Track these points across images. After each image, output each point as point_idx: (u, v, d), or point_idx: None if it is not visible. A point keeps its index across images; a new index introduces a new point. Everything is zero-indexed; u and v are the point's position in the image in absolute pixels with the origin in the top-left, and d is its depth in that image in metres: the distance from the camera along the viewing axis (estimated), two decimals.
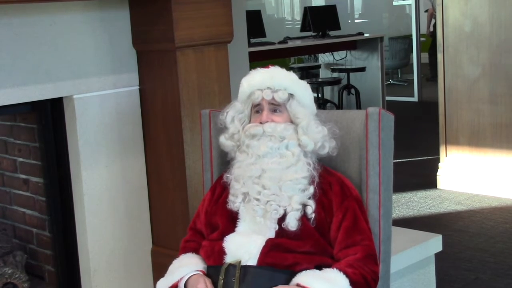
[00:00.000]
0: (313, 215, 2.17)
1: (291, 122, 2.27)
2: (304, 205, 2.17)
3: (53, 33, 2.87)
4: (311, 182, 2.20)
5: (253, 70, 2.35)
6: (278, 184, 2.17)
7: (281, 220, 2.16)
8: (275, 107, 2.26)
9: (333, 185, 2.23)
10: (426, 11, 10.76)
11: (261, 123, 2.24)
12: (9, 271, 3.03)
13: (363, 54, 8.63)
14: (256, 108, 2.28)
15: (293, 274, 2.10)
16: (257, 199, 2.18)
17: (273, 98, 2.25)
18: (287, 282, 2.09)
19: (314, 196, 2.19)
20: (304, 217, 2.17)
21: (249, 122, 2.31)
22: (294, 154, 2.21)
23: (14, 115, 3.15)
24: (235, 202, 2.22)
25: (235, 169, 2.26)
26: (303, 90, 2.30)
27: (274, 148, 2.21)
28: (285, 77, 2.29)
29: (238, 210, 2.22)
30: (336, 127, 2.29)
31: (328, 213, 2.20)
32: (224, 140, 2.33)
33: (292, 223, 2.14)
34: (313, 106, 2.33)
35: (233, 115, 2.33)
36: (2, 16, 2.72)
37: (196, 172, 3.03)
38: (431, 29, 10.69)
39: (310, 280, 2.06)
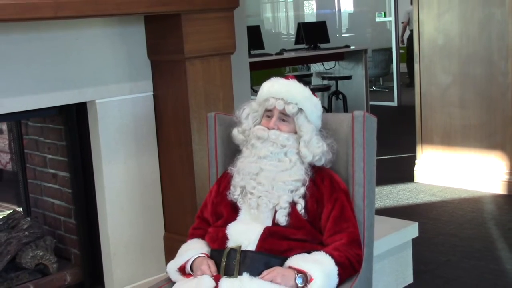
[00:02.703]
0: (303, 211, 2.17)
1: (295, 132, 2.26)
2: (294, 203, 2.17)
3: (78, 46, 2.87)
4: (303, 184, 2.19)
5: (275, 77, 2.32)
6: (272, 183, 2.18)
7: (276, 213, 2.17)
8: (284, 116, 2.25)
9: (324, 179, 2.24)
10: (402, 22, 10.80)
11: (268, 128, 2.23)
12: (41, 253, 3.03)
13: (349, 64, 8.63)
14: (268, 113, 2.27)
15: (286, 259, 2.10)
16: (252, 193, 2.18)
17: (283, 109, 2.23)
18: (281, 266, 2.08)
19: (304, 196, 2.18)
20: (296, 211, 2.17)
21: (260, 122, 2.30)
22: (291, 160, 2.21)
23: (44, 118, 3.15)
24: (234, 194, 2.23)
25: (239, 163, 2.27)
26: (312, 107, 2.28)
27: (274, 153, 2.21)
28: (299, 93, 2.26)
29: (237, 201, 2.22)
30: (335, 143, 2.28)
31: (320, 204, 2.20)
32: (236, 133, 2.33)
33: (281, 219, 2.15)
34: (318, 122, 2.30)
35: (248, 113, 2.32)
36: (34, 31, 2.72)
37: (203, 167, 3.02)
38: (404, 39, 10.78)
39: (301, 262, 2.06)
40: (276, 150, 2.20)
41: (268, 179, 2.18)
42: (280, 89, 2.25)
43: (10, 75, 2.68)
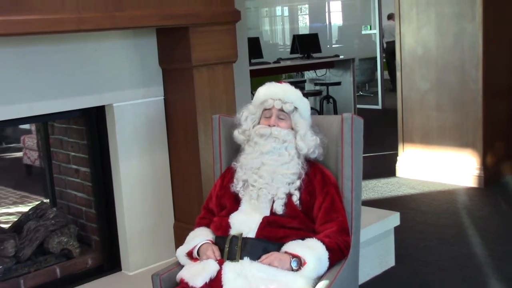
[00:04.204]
0: (298, 202, 2.16)
1: (292, 129, 2.26)
2: (290, 195, 2.17)
3: (97, 56, 2.86)
4: (299, 178, 2.19)
5: (268, 82, 2.33)
6: (272, 176, 2.18)
7: (273, 203, 2.17)
8: (282, 114, 2.26)
9: (316, 174, 2.24)
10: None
11: (269, 125, 2.23)
12: (65, 240, 3.02)
13: (339, 71, 8.62)
14: (266, 113, 2.28)
15: (283, 245, 2.09)
16: (253, 186, 2.18)
17: (282, 108, 2.24)
18: (278, 251, 2.08)
19: (299, 188, 2.18)
20: (292, 201, 2.17)
21: (259, 122, 2.30)
22: (290, 154, 2.21)
23: (67, 119, 3.14)
24: (236, 186, 2.23)
25: (242, 159, 2.26)
26: (305, 106, 2.30)
27: (276, 148, 2.21)
28: (294, 93, 2.28)
29: (239, 193, 2.22)
30: (325, 138, 2.29)
31: (312, 196, 2.20)
32: (237, 134, 2.33)
33: (278, 209, 2.15)
34: (310, 119, 2.31)
35: (247, 115, 2.32)
36: (58, 43, 2.71)
37: (208, 164, 3.01)
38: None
39: (295, 248, 2.06)
40: (278, 145, 2.21)
41: (268, 173, 2.18)
42: (277, 91, 2.26)
43: (38, 82, 2.67)
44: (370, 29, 11.05)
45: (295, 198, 2.17)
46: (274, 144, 2.20)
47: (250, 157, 2.23)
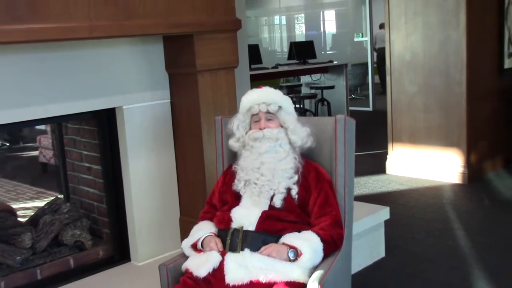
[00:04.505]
0: (296, 196, 2.16)
1: (281, 126, 2.25)
2: (289, 189, 2.17)
3: (108, 62, 2.86)
4: (296, 172, 2.19)
5: (249, 90, 2.34)
6: (272, 173, 2.17)
7: (272, 198, 2.16)
8: (269, 116, 2.25)
9: (311, 171, 2.23)
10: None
11: (260, 129, 2.23)
12: (78, 232, 3.02)
13: (332, 76, 8.62)
14: (255, 118, 2.27)
15: (280, 237, 2.09)
16: (256, 183, 2.18)
17: (267, 110, 2.24)
18: (276, 243, 2.07)
19: (297, 182, 2.18)
20: (290, 197, 2.17)
21: (250, 128, 2.30)
22: (285, 150, 2.21)
23: (80, 121, 3.14)
24: (238, 185, 2.22)
25: (241, 162, 2.25)
26: (288, 103, 2.30)
27: (272, 147, 2.21)
28: (275, 94, 2.28)
29: (240, 191, 2.22)
30: (312, 128, 2.29)
31: (308, 192, 2.19)
32: (233, 143, 2.33)
33: (277, 202, 2.14)
34: (295, 113, 2.32)
35: (238, 124, 2.32)
36: (72, 50, 2.72)
37: (211, 162, 3.01)
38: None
39: (292, 239, 2.06)
40: (272, 144, 2.20)
41: (269, 170, 2.17)
42: (259, 96, 2.27)
43: (53, 86, 2.67)
44: (362, 36, 11.05)
45: (294, 192, 2.16)
46: (269, 144, 2.20)
47: (250, 159, 2.22)
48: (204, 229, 2.22)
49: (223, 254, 2.05)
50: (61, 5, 2.40)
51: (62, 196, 3.38)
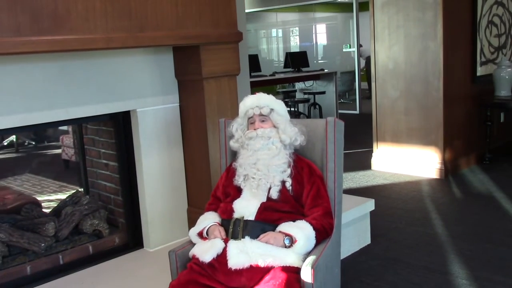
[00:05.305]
0: (291, 188, 2.16)
1: (274, 126, 2.26)
2: (284, 182, 2.17)
3: (123, 69, 2.86)
4: (289, 166, 2.19)
5: (246, 96, 2.35)
6: (267, 168, 2.17)
7: (269, 191, 2.16)
8: (263, 117, 2.26)
9: (304, 168, 2.23)
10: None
11: (254, 129, 2.24)
12: (96, 222, 3.02)
13: (323, 82, 8.62)
14: (250, 120, 2.29)
15: (277, 226, 2.09)
16: (253, 178, 2.17)
17: (260, 113, 2.24)
18: (273, 231, 2.07)
19: (291, 175, 2.18)
20: (285, 189, 2.16)
21: (247, 130, 2.30)
22: (277, 147, 2.21)
23: (99, 122, 3.14)
24: (238, 180, 2.22)
25: (240, 160, 2.25)
26: (280, 105, 2.30)
27: (264, 144, 2.20)
28: (267, 98, 2.28)
29: (240, 185, 2.22)
30: (303, 127, 2.30)
31: (301, 185, 2.19)
32: (233, 143, 2.34)
33: (274, 194, 2.14)
34: (287, 115, 2.32)
35: (236, 127, 2.33)
36: (91, 58, 2.72)
37: (216, 159, 3.01)
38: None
39: (288, 228, 2.05)
40: (265, 142, 2.20)
41: (264, 165, 2.17)
42: (253, 101, 2.27)
43: (74, 91, 2.67)
44: (350, 47, 11.04)
45: (288, 184, 2.16)
46: (262, 141, 2.21)
47: (247, 156, 2.22)
48: (209, 219, 2.21)
49: (226, 241, 2.05)
50: (81, 18, 2.40)
51: (82, 189, 3.38)
